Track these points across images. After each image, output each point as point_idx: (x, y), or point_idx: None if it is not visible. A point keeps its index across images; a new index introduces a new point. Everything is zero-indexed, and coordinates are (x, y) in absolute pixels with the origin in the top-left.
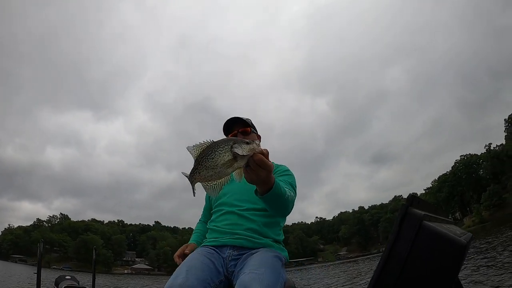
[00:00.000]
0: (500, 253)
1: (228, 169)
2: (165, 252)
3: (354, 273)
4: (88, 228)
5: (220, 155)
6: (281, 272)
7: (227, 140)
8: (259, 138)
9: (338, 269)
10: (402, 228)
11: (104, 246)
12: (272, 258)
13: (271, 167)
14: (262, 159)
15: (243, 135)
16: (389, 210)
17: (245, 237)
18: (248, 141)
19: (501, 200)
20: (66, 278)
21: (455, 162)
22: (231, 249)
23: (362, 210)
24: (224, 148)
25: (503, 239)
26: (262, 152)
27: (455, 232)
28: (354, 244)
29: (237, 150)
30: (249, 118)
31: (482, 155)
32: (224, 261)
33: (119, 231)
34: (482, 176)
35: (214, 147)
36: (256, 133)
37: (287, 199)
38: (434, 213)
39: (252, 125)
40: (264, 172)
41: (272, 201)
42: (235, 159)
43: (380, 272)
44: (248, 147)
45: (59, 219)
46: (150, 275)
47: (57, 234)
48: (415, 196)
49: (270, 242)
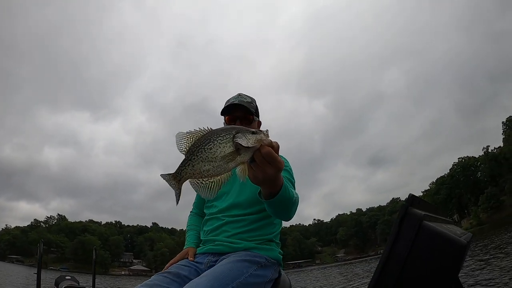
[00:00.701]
0: (495, 256)
1: (229, 164)
2: (162, 254)
3: (350, 275)
4: (85, 229)
5: (220, 146)
6: (239, 276)
7: (228, 128)
8: (259, 126)
9: (335, 271)
10: (402, 228)
11: (101, 247)
12: (233, 264)
13: (282, 164)
14: (271, 153)
15: (243, 124)
16: (387, 212)
17: (225, 243)
18: (255, 131)
19: (498, 202)
20: (66, 278)
21: (453, 165)
22: (210, 256)
23: (360, 212)
24: (225, 138)
25: (498, 242)
26: (271, 144)
27: (455, 232)
28: (352, 246)
29: (241, 140)
30: (253, 99)
31: (480, 158)
32: (204, 266)
33: (116, 232)
34: (480, 179)
35: (212, 135)
36: (259, 119)
37: (294, 203)
38: (434, 213)
39: (257, 110)
40: (272, 170)
41: (278, 205)
42: (237, 152)
43: (380, 272)
44: (254, 137)
45: (56, 220)
46: (148, 276)
47: (54, 235)
48: (415, 196)
49: (252, 245)
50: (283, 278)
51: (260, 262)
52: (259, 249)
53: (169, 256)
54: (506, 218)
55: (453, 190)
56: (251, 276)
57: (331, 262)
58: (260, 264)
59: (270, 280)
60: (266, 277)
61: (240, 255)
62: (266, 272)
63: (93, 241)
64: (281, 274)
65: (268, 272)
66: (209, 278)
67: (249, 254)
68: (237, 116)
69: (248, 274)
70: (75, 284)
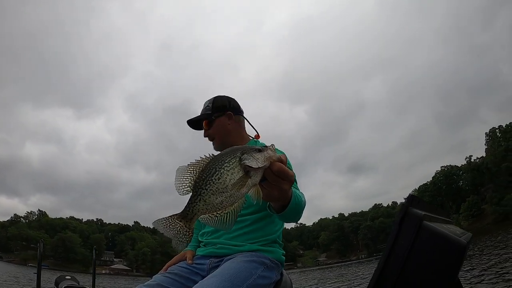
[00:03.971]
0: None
1: (242, 190)
2: (144, 253)
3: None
4: (66, 226)
5: (228, 173)
6: (248, 277)
7: (232, 151)
8: (230, 117)
9: (316, 274)
10: (402, 228)
11: (82, 245)
12: (242, 264)
13: (293, 176)
14: (283, 169)
15: (205, 132)
16: (369, 218)
17: (227, 245)
18: (260, 148)
19: (479, 211)
20: (66, 278)
21: (436, 173)
22: (213, 257)
23: (342, 217)
24: (232, 163)
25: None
26: (280, 159)
27: (455, 232)
28: (334, 251)
29: (250, 162)
30: (213, 98)
31: (463, 167)
32: (206, 267)
33: (97, 230)
34: (462, 187)
35: (217, 163)
36: (224, 111)
37: (303, 207)
38: (434, 213)
39: (216, 106)
40: (287, 185)
41: (289, 214)
42: (247, 175)
43: (380, 272)
44: (262, 156)
45: (37, 216)
46: (129, 275)
47: (34, 231)
48: (414, 196)
49: (255, 247)
50: (284, 279)
51: (266, 263)
52: (263, 251)
53: (150, 255)
54: (486, 226)
55: (435, 198)
56: (259, 277)
57: (313, 265)
58: (266, 265)
59: (274, 282)
60: (271, 279)
61: (247, 255)
62: (271, 274)
63: (74, 238)
64: (283, 275)
65: (272, 273)
66: (221, 279)
67: (255, 255)
68: (204, 129)
69: (257, 276)
70: (75, 284)
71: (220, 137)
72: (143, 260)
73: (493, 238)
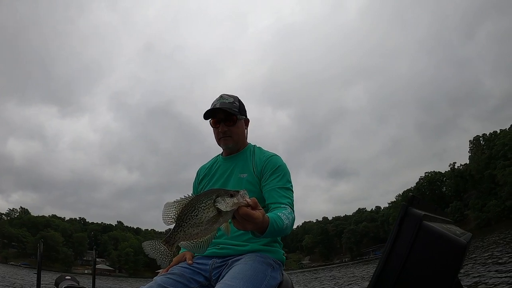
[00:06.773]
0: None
1: (214, 225)
2: (127, 253)
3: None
4: (48, 224)
5: (204, 212)
6: (264, 279)
7: (209, 193)
8: (246, 123)
9: (300, 277)
10: (402, 228)
11: (64, 244)
12: (255, 265)
13: (259, 219)
14: (248, 213)
15: (227, 126)
16: (353, 222)
17: (229, 246)
18: (233, 193)
19: (462, 216)
20: (66, 278)
21: (420, 179)
22: (215, 258)
23: (326, 220)
24: (207, 204)
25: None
26: (248, 204)
27: (455, 232)
28: (317, 254)
29: (220, 205)
30: (235, 97)
31: (446, 173)
32: (208, 268)
33: (80, 229)
34: (446, 193)
35: (196, 203)
36: (245, 116)
37: (286, 228)
38: (434, 213)
39: (241, 108)
40: (251, 225)
41: (270, 236)
42: (220, 214)
43: (380, 272)
44: (231, 201)
45: (18, 213)
46: (111, 276)
47: (16, 228)
48: (414, 196)
49: (257, 247)
50: (285, 279)
51: (271, 264)
52: (265, 251)
53: (133, 256)
54: (469, 231)
55: None
56: (271, 278)
57: (296, 268)
58: (272, 266)
59: (279, 282)
60: (277, 279)
61: (255, 256)
62: (276, 274)
63: (56, 237)
64: (284, 275)
65: (277, 274)
66: (243, 281)
67: (262, 256)
68: (220, 119)
69: (269, 277)
70: (75, 284)
71: (237, 138)
72: (126, 260)
73: (476, 243)
